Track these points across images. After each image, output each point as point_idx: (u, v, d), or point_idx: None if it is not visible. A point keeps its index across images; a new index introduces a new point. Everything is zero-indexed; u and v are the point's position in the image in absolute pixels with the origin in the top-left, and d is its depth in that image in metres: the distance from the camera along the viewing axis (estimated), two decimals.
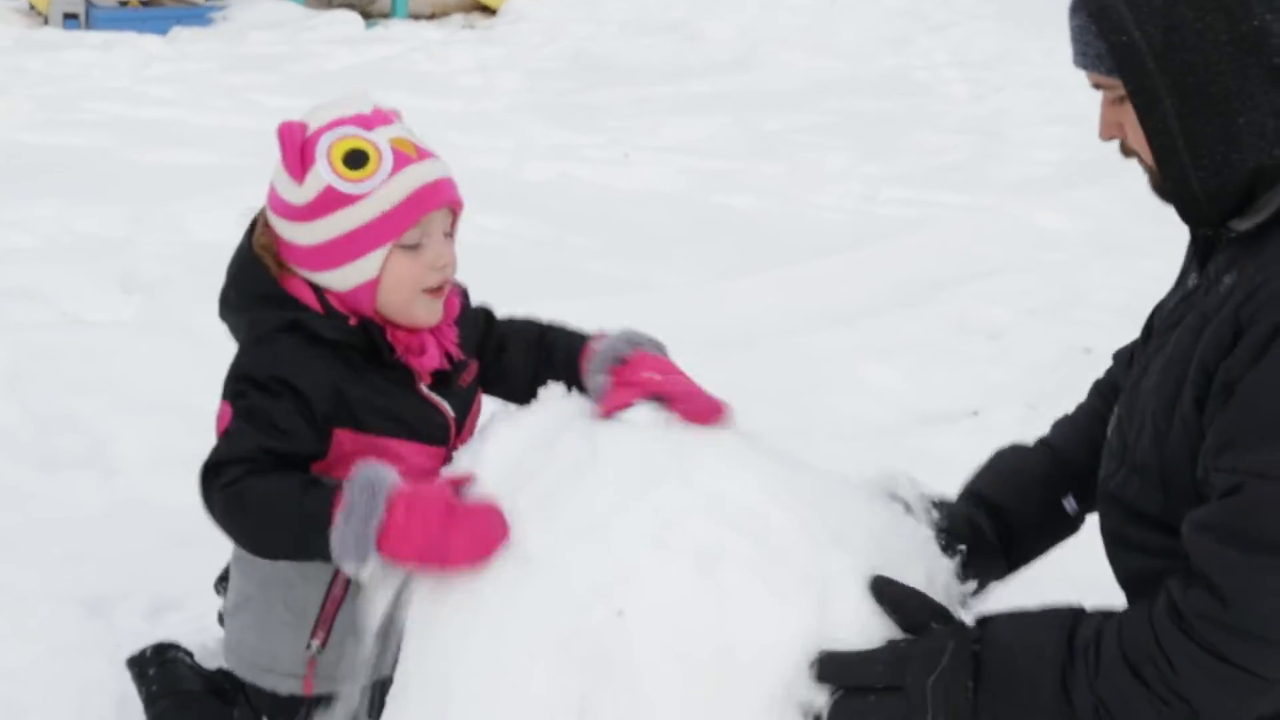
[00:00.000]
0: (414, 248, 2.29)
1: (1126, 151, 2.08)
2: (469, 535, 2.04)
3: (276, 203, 2.31)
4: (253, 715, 2.46)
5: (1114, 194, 6.75)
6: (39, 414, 4.09)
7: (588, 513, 2.12)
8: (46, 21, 11.65)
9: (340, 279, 2.29)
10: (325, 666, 2.39)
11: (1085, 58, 2.03)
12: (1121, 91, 2.00)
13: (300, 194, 2.26)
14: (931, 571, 2.25)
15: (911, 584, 2.13)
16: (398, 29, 12.44)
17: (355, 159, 2.24)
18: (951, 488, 2.54)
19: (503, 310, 2.66)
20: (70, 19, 11.54)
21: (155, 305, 5.16)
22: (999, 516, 2.41)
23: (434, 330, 2.39)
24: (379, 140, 2.27)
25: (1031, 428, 2.58)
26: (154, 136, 7.77)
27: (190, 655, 2.84)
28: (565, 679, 2.00)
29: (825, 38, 12.68)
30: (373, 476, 2.09)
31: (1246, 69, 1.91)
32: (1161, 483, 2.05)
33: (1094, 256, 6.15)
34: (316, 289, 2.31)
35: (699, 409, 2.30)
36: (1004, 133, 9.06)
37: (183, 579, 3.09)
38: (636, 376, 2.36)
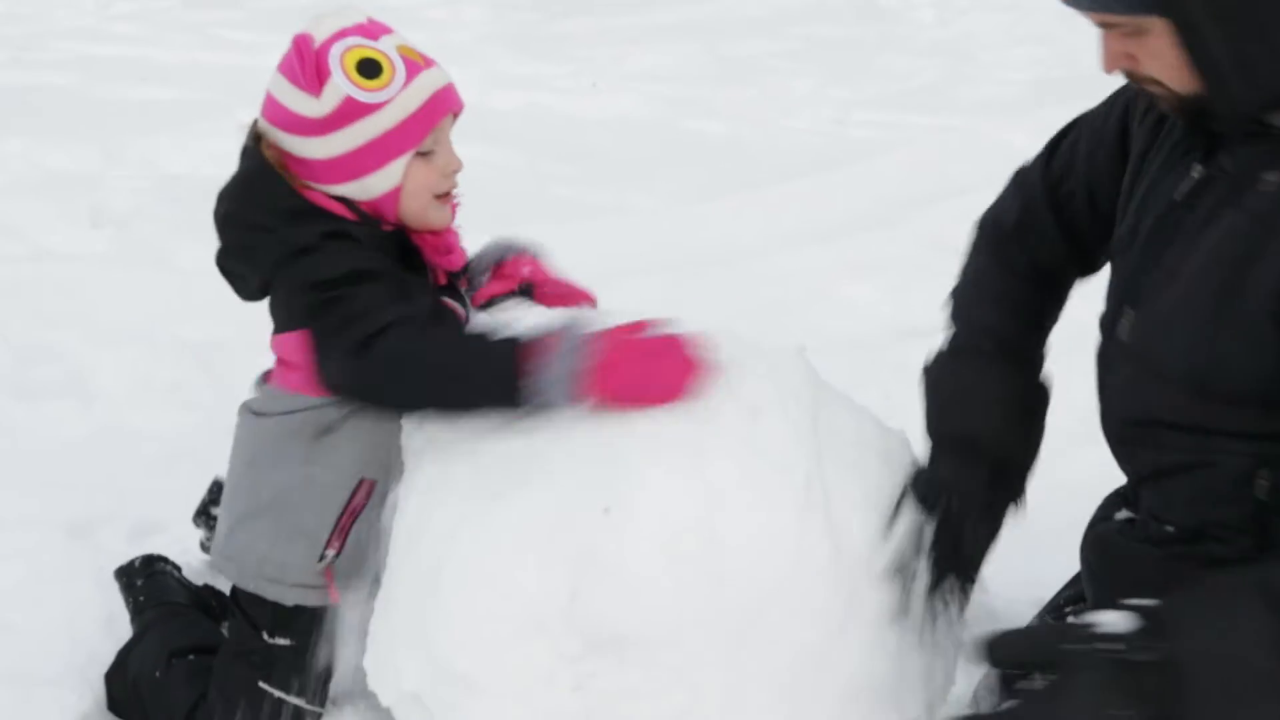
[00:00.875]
0: (428, 154, 2.31)
1: (1139, 79, 2.00)
2: (669, 371, 2.07)
3: (287, 118, 2.27)
4: (250, 629, 2.46)
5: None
6: (16, 346, 4.10)
7: (574, 412, 2.12)
8: None
9: (363, 189, 2.28)
10: (342, 576, 2.40)
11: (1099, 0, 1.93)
12: (1136, 25, 1.92)
13: (318, 107, 2.24)
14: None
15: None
16: None
17: (369, 68, 2.24)
18: None
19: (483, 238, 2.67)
20: None
21: (127, 238, 5.16)
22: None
23: (451, 232, 2.43)
24: (387, 49, 2.27)
25: None
26: (120, 73, 7.72)
27: (178, 569, 2.87)
28: (554, 574, 2.02)
29: None
30: (576, 316, 2.14)
31: None
32: (1199, 391, 1.99)
33: None
34: (343, 200, 2.30)
35: (567, 294, 2.43)
36: (972, 55, 9.07)
37: (165, 503, 3.12)
38: (513, 271, 2.47)
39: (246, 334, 3.84)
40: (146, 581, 2.82)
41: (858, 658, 2.10)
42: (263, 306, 2.42)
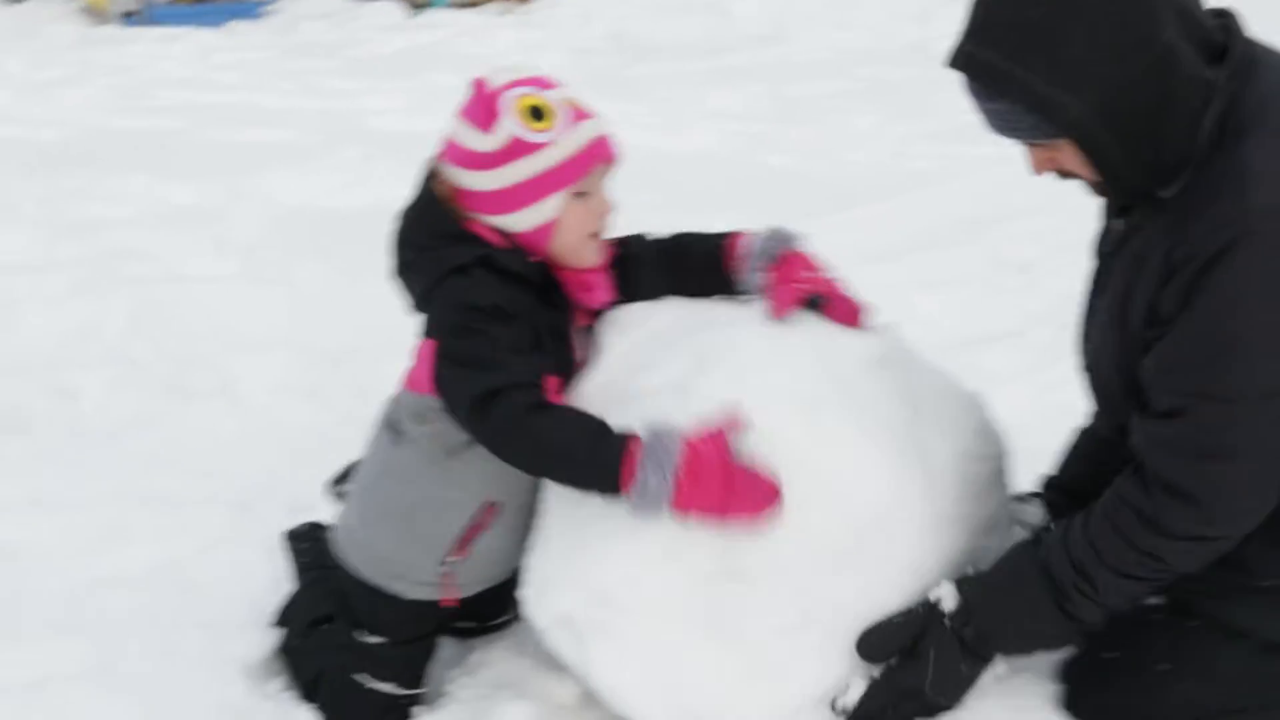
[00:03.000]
0: (583, 195, 2.50)
1: (1065, 175, 2.35)
2: (747, 498, 2.31)
3: (459, 153, 2.49)
4: (345, 621, 2.75)
5: None
6: (171, 354, 4.40)
7: (698, 372, 2.45)
8: (105, 21, 11.88)
9: (520, 221, 2.49)
10: (459, 576, 2.65)
11: (1019, 131, 2.28)
12: (1051, 145, 2.28)
13: (487, 142, 2.45)
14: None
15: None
16: (439, 16, 12.66)
17: (537, 113, 2.45)
18: (1000, 395, 2.94)
19: None
20: (129, 16, 11.78)
21: (252, 264, 5.40)
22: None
23: (597, 271, 2.61)
24: (555, 99, 2.48)
25: (1066, 344, 2.87)
26: (227, 117, 7.93)
27: None
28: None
29: (849, 13, 12.83)
30: (663, 436, 2.31)
31: (1165, 86, 2.18)
32: (1121, 395, 2.44)
33: None
34: (499, 230, 2.50)
35: (846, 310, 2.63)
36: None
37: (315, 486, 3.31)
38: (796, 276, 2.62)
39: (372, 343, 4.19)
40: (312, 545, 3.05)
41: (940, 571, 2.50)
42: (384, 319, 2.67)
